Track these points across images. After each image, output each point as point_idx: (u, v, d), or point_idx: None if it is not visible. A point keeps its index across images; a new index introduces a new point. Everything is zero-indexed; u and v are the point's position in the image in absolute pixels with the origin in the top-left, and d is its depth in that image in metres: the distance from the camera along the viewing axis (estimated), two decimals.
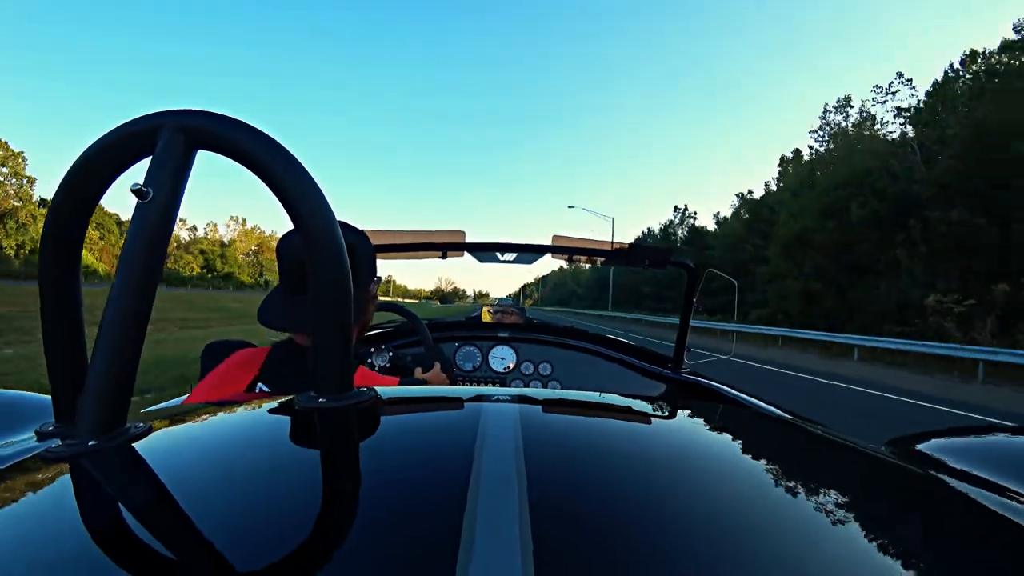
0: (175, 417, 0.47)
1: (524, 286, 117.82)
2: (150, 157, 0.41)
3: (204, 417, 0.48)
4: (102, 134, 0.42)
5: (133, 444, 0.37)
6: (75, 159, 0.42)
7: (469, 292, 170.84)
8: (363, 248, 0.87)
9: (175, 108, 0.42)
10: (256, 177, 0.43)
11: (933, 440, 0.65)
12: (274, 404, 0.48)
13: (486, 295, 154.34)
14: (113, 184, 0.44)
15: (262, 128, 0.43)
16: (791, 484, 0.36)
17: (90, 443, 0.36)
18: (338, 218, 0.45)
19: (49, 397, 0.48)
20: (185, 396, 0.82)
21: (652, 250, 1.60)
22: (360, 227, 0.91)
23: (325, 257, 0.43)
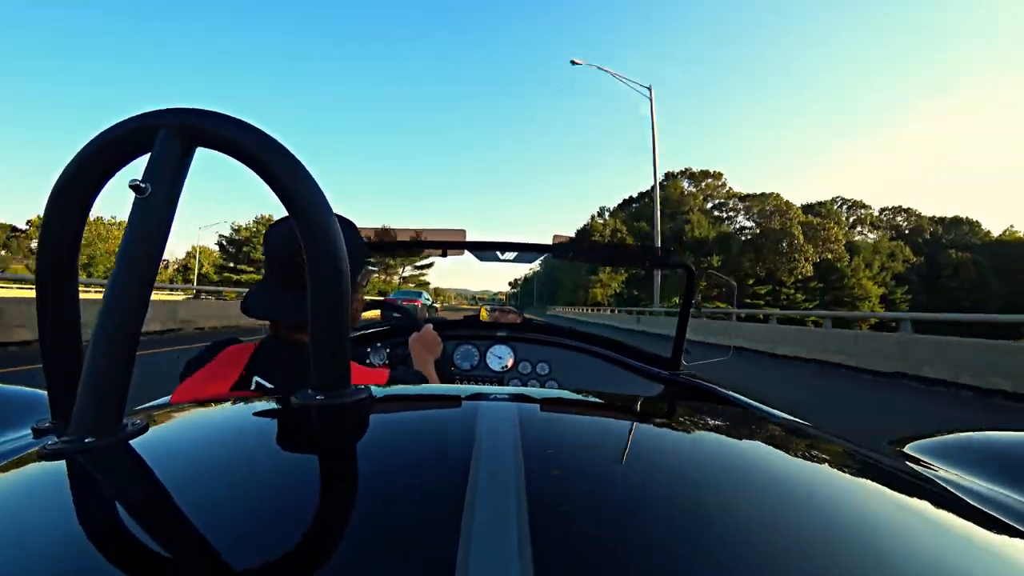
0: (173, 414, 0.47)
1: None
2: (147, 155, 0.41)
3: (201, 414, 0.48)
4: (99, 132, 0.42)
5: (130, 441, 0.37)
6: (72, 156, 0.42)
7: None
8: (349, 238, 0.84)
9: (173, 107, 0.42)
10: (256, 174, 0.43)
11: (927, 441, 0.65)
12: (272, 401, 0.48)
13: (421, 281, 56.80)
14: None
15: (261, 126, 0.43)
16: (787, 485, 0.36)
17: (87, 440, 0.36)
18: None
19: (45, 393, 0.48)
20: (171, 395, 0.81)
21: (652, 251, 1.60)
22: (360, 224, 0.90)
23: (323, 256, 0.43)
